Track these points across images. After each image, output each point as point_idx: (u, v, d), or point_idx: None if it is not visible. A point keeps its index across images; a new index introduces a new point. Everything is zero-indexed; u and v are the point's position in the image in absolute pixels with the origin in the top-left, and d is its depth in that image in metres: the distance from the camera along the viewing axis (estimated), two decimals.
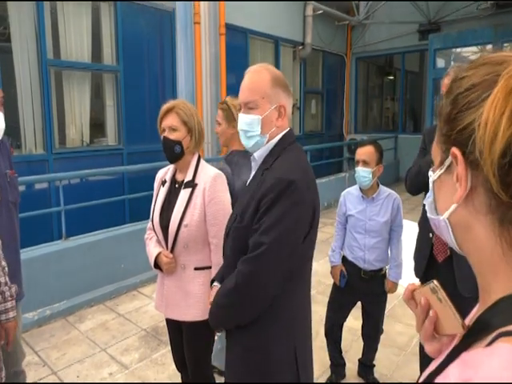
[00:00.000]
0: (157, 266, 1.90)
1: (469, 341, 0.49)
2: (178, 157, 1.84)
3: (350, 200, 2.42)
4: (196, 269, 1.86)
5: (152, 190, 2.03)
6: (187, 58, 5.91)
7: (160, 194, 1.94)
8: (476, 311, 0.57)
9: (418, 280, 2.24)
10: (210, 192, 1.80)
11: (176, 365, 2.11)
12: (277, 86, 1.35)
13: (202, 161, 1.92)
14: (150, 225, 2.00)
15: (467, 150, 0.48)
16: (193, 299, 1.85)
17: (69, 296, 3.62)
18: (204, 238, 1.84)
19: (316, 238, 1.41)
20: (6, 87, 4.16)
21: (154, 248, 1.92)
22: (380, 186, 2.40)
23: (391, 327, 3.30)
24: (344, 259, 2.48)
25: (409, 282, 0.71)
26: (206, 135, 6.13)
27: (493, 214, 0.48)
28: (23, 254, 3.29)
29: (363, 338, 2.61)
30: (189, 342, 1.95)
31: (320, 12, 8.38)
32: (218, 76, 6.27)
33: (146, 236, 2.04)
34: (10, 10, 4.33)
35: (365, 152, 2.28)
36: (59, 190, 3.75)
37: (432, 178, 0.58)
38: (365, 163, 2.26)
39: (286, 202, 1.23)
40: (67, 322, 3.44)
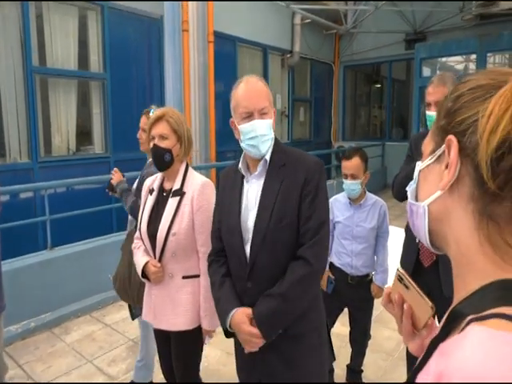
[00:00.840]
0: (144, 275, 1.88)
1: (445, 331, 0.51)
2: (168, 165, 1.83)
3: (337, 207, 2.43)
4: (184, 277, 1.84)
5: (139, 197, 2.02)
6: (175, 65, 5.92)
7: (147, 202, 1.92)
8: (452, 302, 0.58)
9: None
10: (198, 200, 1.80)
11: (164, 374, 2.08)
12: (270, 92, 1.46)
13: (190, 169, 1.92)
14: (137, 234, 1.97)
15: (463, 139, 0.51)
16: (181, 308, 1.83)
17: (54, 307, 3.55)
18: (192, 246, 1.83)
19: None
20: None
21: (141, 257, 1.89)
22: (367, 192, 2.42)
23: (379, 332, 3.31)
24: (331, 265, 2.48)
25: None
26: (195, 143, 6.14)
27: (475, 204, 0.50)
28: (7, 265, 3.24)
29: (351, 343, 2.61)
30: (177, 351, 1.92)
31: (308, 21, 8.48)
32: (206, 84, 6.29)
33: (133, 245, 2.01)
34: None
35: (352, 166, 2.28)
36: (44, 199, 3.70)
37: (419, 167, 0.61)
38: (353, 176, 2.28)
39: (324, 181, 1.42)
40: (52, 334, 3.37)
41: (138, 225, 1.93)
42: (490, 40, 7.43)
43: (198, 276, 1.85)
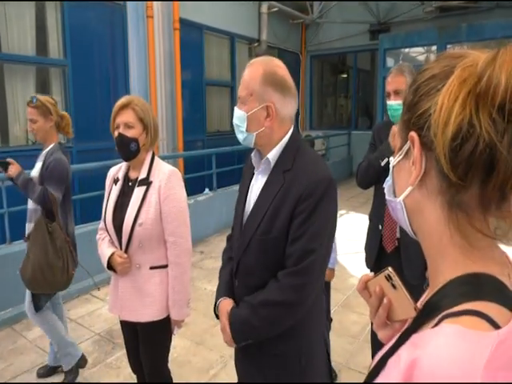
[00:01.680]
0: (110, 267, 1.84)
1: (418, 323, 0.52)
2: (134, 155, 1.80)
3: None
4: (152, 268, 1.82)
5: (105, 189, 1.96)
6: (140, 53, 5.76)
7: (112, 192, 1.88)
8: (426, 295, 0.60)
9: (368, 270, 2.32)
10: (165, 189, 1.77)
11: (132, 367, 2.06)
12: (267, 84, 1.25)
13: (156, 158, 1.88)
14: (101, 225, 1.92)
15: (423, 133, 0.52)
16: (149, 298, 1.81)
17: (15, 303, 3.41)
18: (159, 236, 1.80)
19: None
20: None
21: (106, 249, 1.85)
22: None
23: (345, 317, 3.41)
24: None
25: (362, 272, 0.74)
26: (161, 132, 6.04)
27: (443, 196, 0.51)
28: None
29: None
30: (145, 343, 1.90)
31: (275, 9, 8.45)
32: (172, 72, 6.16)
33: (97, 236, 1.96)
34: None
35: None
36: (2, 192, 3.53)
37: (392, 163, 0.61)
38: None
39: (329, 202, 1.19)
40: (13, 331, 3.25)
41: (103, 215, 1.88)
42: (449, 32, 7.67)
43: (165, 266, 1.83)
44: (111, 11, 5.58)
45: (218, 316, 1.43)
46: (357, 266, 4.27)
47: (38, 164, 2.49)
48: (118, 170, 1.94)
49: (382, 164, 2.09)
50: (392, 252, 2.16)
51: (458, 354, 0.42)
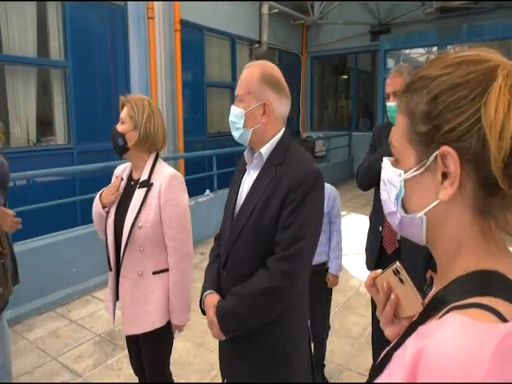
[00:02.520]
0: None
1: (425, 316, 0.52)
2: (123, 150, 1.79)
3: None
4: (154, 273, 1.79)
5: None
6: (141, 54, 5.77)
7: None
8: (433, 290, 0.60)
9: (369, 272, 2.32)
10: (165, 193, 1.74)
11: (133, 368, 2.04)
12: (264, 83, 1.35)
13: (159, 160, 1.86)
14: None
15: (459, 146, 0.49)
16: (152, 305, 1.78)
17: (15, 304, 3.41)
18: (160, 240, 1.78)
19: None
20: None
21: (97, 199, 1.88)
22: None
23: (346, 318, 3.40)
24: None
25: (363, 274, 0.74)
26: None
27: (476, 203, 0.50)
28: None
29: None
30: (147, 348, 1.88)
31: (276, 11, 8.45)
32: (173, 73, 6.17)
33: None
34: None
35: None
36: None
37: (403, 176, 0.58)
38: None
39: (317, 193, 1.28)
40: (14, 332, 3.25)
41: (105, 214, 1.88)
42: (450, 33, 7.67)
43: (167, 270, 1.81)
44: (112, 12, 5.58)
45: (204, 311, 1.46)
46: (357, 268, 4.27)
47: None
48: (123, 169, 1.94)
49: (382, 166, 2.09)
50: (392, 254, 2.15)
51: (464, 343, 0.42)
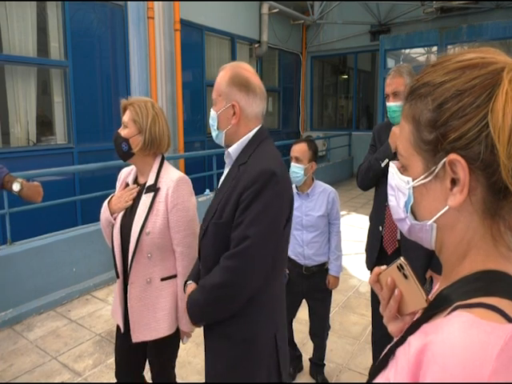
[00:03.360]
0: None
1: (429, 314, 0.52)
2: (127, 155, 1.76)
3: None
4: (163, 279, 1.75)
5: (106, 189, 1.93)
6: (141, 53, 5.77)
7: None
8: (437, 287, 0.60)
9: (369, 272, 2.32)
10: (173, 198, 1.70)
11: (120, 371, 1.94)
12: (232, 85, 1.36)
13: (165, 163, 1.82)
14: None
15: (467, 153, 0.49)
16: (162, 312, 1.74)
17: (15, 304, 3.42)
18: (168, 245, 1.74)
19: (290, 229, 1.45)
20: None
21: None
22: (315, 181, 2.43)
23: (346, 318, 3.41)
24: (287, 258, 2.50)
25: (363, 274, 0.74)
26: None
27: (485, 207, 0.50)
28: None
29: (311, 337, 2.61)
30: (155, 356, 1.85)
31: (276, 11, 8.45)
32: (173, 73, 6.17)
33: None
34: None
35: (298, 149, 2.32)
36: (3, 192, 3.53)
37: (412, 184, 0.58)
38: (297, 160, 2.30)
39: (269, 193, 1.25)
40: (14, 332, 3.25)
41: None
42: (450, 32, 7.68)
43: (176, 276, 1.78)
44: (112, 13, 5.58)
45: None
46: (357, 267, 4.27)
47: None
48: (129, 172, 1.89)
49: (383, 165, 2.09)
50: (392, 253, 2.15)
51: (471, 341, 0.42)
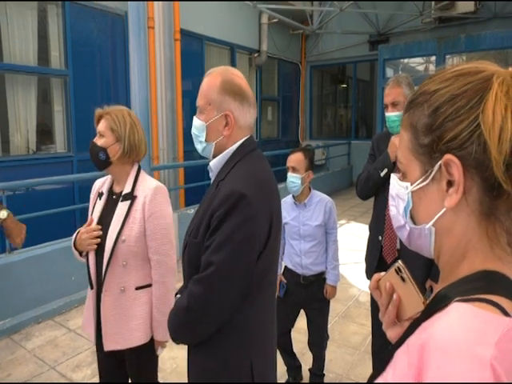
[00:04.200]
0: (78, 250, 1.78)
1: (428, 313, 0.53)
2: (105, 164, 1.75)
3: (284, 208, 2.38)
4: (137, 288, 1.73)
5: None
6: (141, 63, 5.79)
7: (96, 206, 1.82)
8: (435, 288, 0.60)
9: (368, 281, 2.31)
10: (150, 206, 1.69)
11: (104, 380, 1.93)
12: (225, 93, 1.25)
13: (142, 172, 1.82)
14: None
15: (461, 153, 0.50)
16: (135, 321, 1.72)
17: (14, 313, 3.40)
18: (144, 254, 1.73)
19: (276, 251, 1.34)
20: None
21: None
22: (312, 191, 2.43)
23: (346, 327, 3.39)
24: (285, 268, 2.49)
25: (362, 283, 0.74)
26: (161, 142, 6.06)
27: (482, 208, 0.51)
28: None
29: (309, 347, 2.59)
30: (136, 368, 1.82)
31: (275, 20, 8.54)
32: (173, 82, 6.20)
33: None
34: None
35: (294, 159, 2.32)
36: (2, 201, 3.53)
37: (410, 188, 0.59)
38: (294, 169, 2.31)
39: (237, 218, 1.14)
40: (12, 341, 3.23)
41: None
42: (448, 42, 7.75)
43: (151, 285, 1.76)
44: (112, 22, 5.64)
45: None
46: (357, 277, 4.26)
47: None
48: (103, 183, 1.88)
49: (382, 175, 2.10)
50: (392, 263, 2.15)
51: (471, 327, 0.42)
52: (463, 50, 7.73)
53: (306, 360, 2.77)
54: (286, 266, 2.50)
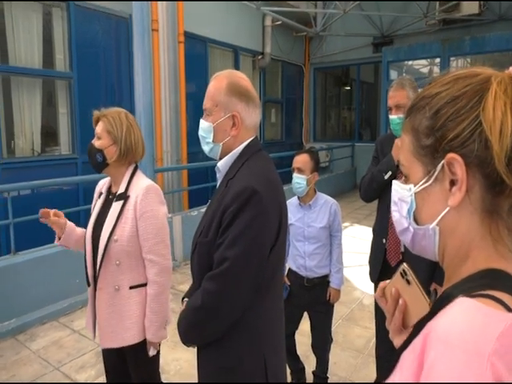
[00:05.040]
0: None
1: (433, 312, 0.53)
2: (101, 166, 1.76)
3: (289, 209, 2.32)
4: (131, 287, 1.74)
5: None
6: (145, 65, 5.81)
7: (96, 206, 1.85)
8: (441, 289, 0.60)
9: (373, 284, 2.30)
10: (141, 205, 1.70)
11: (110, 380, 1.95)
12: (232, 94, 1.29)
13: (137, 172, 1.82)
14: None
15: (463, 152, 0.51)
16: (130, 320, 1.73)
17: (18, 314, 3.42)
18: (138, 253, 1.74)
19: (284, 249, 1.36)
20: None
21: None
22: (317, 193, 2.43)
23: (350, 330, 3.38)
24: (289, 270, 2.49)
25: (366, 286, 0.74)
26: (165, 144, 6.08)
27: (484, 205, 0.52)
28: None
29: (313, 350, 2.58)
30: (136, 366, 1.83)
31: (279, 23, 8.55)
32: (177, 84, 6.23)
33: None
34: None
35: (300, 160, 2.32)
36: (7, 202, 3.56)
37: (413, 190, 0.59)
38: (299, 170, 2.31)
39: (250, 213, 1.17)
40: (17, 341, 3.24)
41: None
42: (452, 44, 7.73)
43: (145, 285, 1.76)
44: (116, 24, 5.67)
45: None
46: (361, 279, 4.24)
47: None
48: (104, 183, 1.91)
49: (386, 177, 2.09)
50: (396, 266, 2.15)
51: (473, 321, 0.43)
52: (468, 52, 7.72)
53: (310, 363, 2.76)
54: (289, 268, 2.49)
